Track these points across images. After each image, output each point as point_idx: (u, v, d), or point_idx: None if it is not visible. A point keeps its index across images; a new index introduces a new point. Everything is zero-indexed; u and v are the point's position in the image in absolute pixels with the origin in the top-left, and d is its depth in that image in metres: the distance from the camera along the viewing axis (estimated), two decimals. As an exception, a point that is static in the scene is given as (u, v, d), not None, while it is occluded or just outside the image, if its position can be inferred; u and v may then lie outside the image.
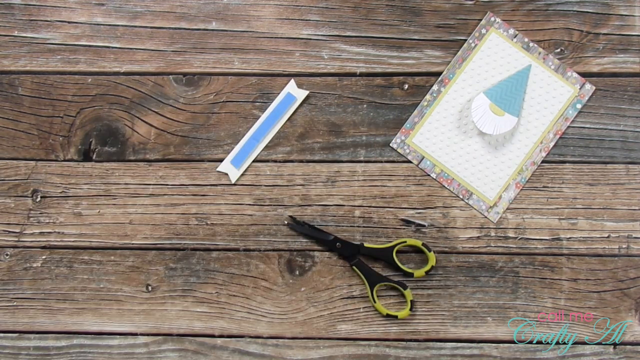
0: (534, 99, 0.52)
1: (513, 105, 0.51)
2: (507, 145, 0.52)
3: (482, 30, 0.52)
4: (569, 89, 0.52)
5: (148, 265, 0.54)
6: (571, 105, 0.52)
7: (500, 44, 0.52)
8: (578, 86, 0.52)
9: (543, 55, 0.52)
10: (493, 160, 0.51)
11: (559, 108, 0.52)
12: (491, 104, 0.51)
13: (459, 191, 0.52)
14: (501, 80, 0.52)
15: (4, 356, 0.54)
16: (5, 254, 0.54)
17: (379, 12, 0.54)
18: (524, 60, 0.52)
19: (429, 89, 0.53)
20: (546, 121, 0.52)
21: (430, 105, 0.52)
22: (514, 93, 0.51)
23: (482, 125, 0.51)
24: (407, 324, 0.53)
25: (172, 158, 0.54)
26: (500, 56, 0.52)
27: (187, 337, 0.54)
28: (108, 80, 0.55)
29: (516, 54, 0.52)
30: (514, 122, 0.51)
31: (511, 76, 0.52)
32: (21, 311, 0.54)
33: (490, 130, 0.51)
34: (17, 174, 0.55)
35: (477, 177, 0.52)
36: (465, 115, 0.52)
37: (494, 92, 0.51)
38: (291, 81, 0.52)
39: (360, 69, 0.54)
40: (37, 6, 0.55)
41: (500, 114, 0.50)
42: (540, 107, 0.52)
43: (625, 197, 0.53)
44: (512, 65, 0.52)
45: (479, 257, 0.53)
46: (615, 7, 0.53)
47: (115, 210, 0.54)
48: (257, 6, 0.54)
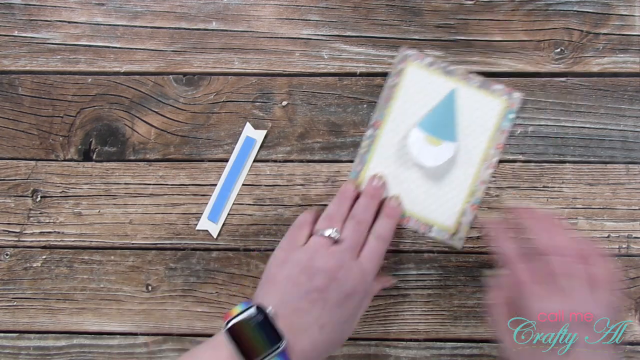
0: (466, 120, 0.52)
1: (448, 131, 0.51)
2: (453, 172, 0.52)
3: (399, 66, 0.52)
4: (498, 102, 0.52)
5: (148, 265, 0.54)
6: (504, 117, 0.52)
7: (419, 75, 0.52)
8: (506, 97, 0.52)
9: (464, 76, 0.52)
10: (443, 189, 0.52)
11: (493, 123, 0.52)
12: (427, 136, 0.51)
13: (418, 227, 0.52)
14: (430, 110, 0.52)
15: (4, 356, 0.54)
16: (5, 254, 0.54)
17: (379, 12, 0.54)
18: (447, 85, 0.52)
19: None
20: (484, 139, 0.52)
21: (368, 151, 0.52)
22: (445, 119, 0.51)
23: (422, 159, 0.51)
24: (407, 323, 0.53)
25: (172, 158, 0.54)
26: (423, 87, 0.52)
27: (187, 337, 0.54)
28: (108, 80, 0.55)
29: (438, 81, 0.52)
30: (453, 148, 0.51)
31: (439, 104, 0.52)
32: (21, 311, 0.54)
33: (432, 162, 0.51)
34: (17, 174, 0.55)
35: (432, 209, 0.52)
36: (405, 152, 0.52)
37: (426, 123, 0.51)
38: (247, 124, 0.53)
39: (360, 68, 0.54)
40: (37, 6, 0.55)
41: (438, 144, 0.50)
42: (475, 127, 0.52)
43: (625, 197, 0.53)
44: (437, 92, 0.52)
45: (479, 257, 0.53)
46: (615, 7, 0.53)
47: (115, 210, 0.54)
48: (257, 6, 0.54)
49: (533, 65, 0.53)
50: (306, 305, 0.42)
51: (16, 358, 0.54)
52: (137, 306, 0.54)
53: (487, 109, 0.52)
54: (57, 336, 0.54)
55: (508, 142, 0.53)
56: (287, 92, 0.54)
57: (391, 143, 0.52)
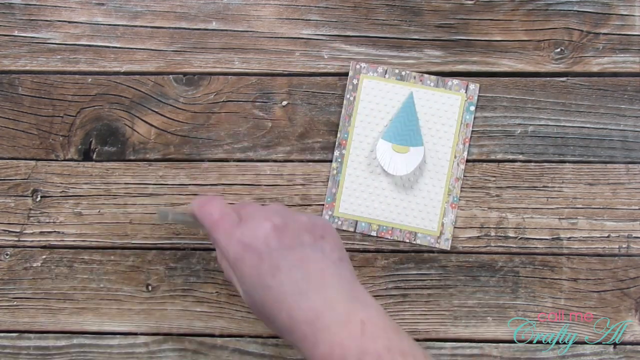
0: (429, 121, 0.52)
1: (413, 137, 0.51)
2: (426, 175, 0.52)
3: (354, 81, 0.52)
4: (455, 97, 0.52)
5: (148, 265, 0.54)
6: (465, 110, 0.52)
7: (375, 86, 0.52)
8: (463, 90, 0.52)
9: (419, 78, 0.52)
10: (420, 194, 0.52)
11: (455, 119, 0.52)
12: (393, 145, 0.51)
13: (403, 236, 0.52)
14: (392, 119, 0.52)
15: (4, 356, 0.54)
16: (5, 254, 0.54)
17: (379, 12, 0.54)
18: (404, 91, 0.52)
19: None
20: (450, 136, 0.52)
21: (339, 171, 0.52)
22: (408, 126, 0.51)
23: (393, 169, 0.51)
24: (407, 323, 0.53)
25: (172, 158, 0.54)
26: (381, 97, 0.52)
27: (187, 337, 0.54)
28: (108, 80, 0.55)
29: (394, 89, 0.52)
30: (421, 152, 0.51)
31: (399, 111, 0.52)
32: (21, 311, 0.54)
33: (404, 170, 0.51)
34: (17, 173, 0.55)
35: (413, 217, 0.52)
36: (376, 165, 0.52)
37: (390, 133, 0.51)
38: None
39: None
40: (37, 6, 0.55)
41: (405, 151, 0.51)
42: (439, 126, 0.52)
43: (625, 197, 0.53)
44: (396, 100, 0.52)
45: (479, 257, 0.53)
46: (615, 7, 0.53)
47: (115, 209, 0.54)
48: (257, 6, 0.54)
49: (533, 65, 0.53)
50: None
51: (16, 358, 0.54)
52: (137, 306, 0.54)
53: (447, 106, 0.52)
54: (57, 336, 0.54)
55: (507, 142, 0.53)
56: (287, 92, 0.54)
57: (360, 159, 0.52)
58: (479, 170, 0.53)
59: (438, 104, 0.52)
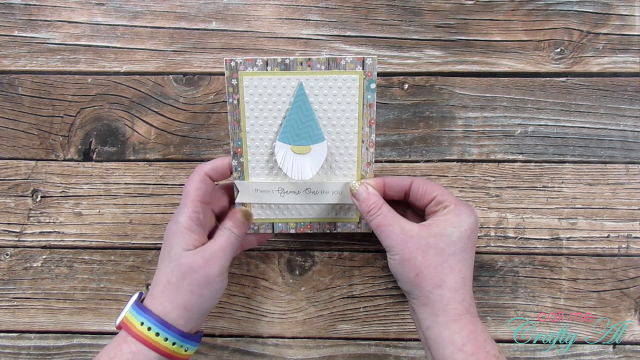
0: (326, 110, 0.46)
1: (312, 133, 0.46)
2: (335, 166, 0.47)
3: (232, 81, 0.45)
4: (353, 77, 0.45)
5: (148, 265, 0.54)
6: (365, 89, 0.46)
7: (258, 83, 0.45)
8: (360, 68, 0.45)
9: (306, 63, 0.45)
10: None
11: (356, 100, 0.46)
12: (292, 147, 0.46)
13: (323, 228, 0.49)
14: (285, 117, 0.46)
15: (4, 356, 0.54)
16: (5, 254, 0.54)
17: (379, 12, 0.54)
18: (292, 82, 0.45)
19: (428, 88, 0.53)
20: (353, 121, 0.46)
21: (242, 179, 0.48)
22: (305, 122, 0.46)
23: (297, 174, 0.46)
24: (407, 323, 0.53)
25: (172, 158, 0.54)
26: (268, 94, 0.46)
27: (187, 337, 0.53)
28: (108, 80, 0.55)
29: (280, 82, 0.45)
30: (324, 148, 0.46)
31: (291, 108, 0.46)
32: (21, 311, 0.54)
33: (308, 174, 0.46)
34: (17, 173, 0.55)
35: (329, 209, 0.49)
36: (279, 167, 0.46)
37: (286, 134, 0.46)
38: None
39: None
40: (37, 6, 0.55)
41: (307, 151, 0.46)
42: (339, 113, 0.46)
43: (625, 197, 0.53)
44: (285, 94, 0.45)
45: (478, 257, 0.53)
46: (615, 7, 0.53)
47: (115, 210, 0.54)
48: (257, 6, 0.54)
49: (533, 65, 0.53)
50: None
51: (16, 358, 0.54)
52: (137, 306, 0.54)
53: (345, 89, 0.45)
54: (57, 336, 0.54)
55: (507, 142, 0.53)
56: (287, 92, 0.54)
57: (261, 165, 0.48)
58: (479, 170, 0.53)
59: (334, 88, 0.45)
